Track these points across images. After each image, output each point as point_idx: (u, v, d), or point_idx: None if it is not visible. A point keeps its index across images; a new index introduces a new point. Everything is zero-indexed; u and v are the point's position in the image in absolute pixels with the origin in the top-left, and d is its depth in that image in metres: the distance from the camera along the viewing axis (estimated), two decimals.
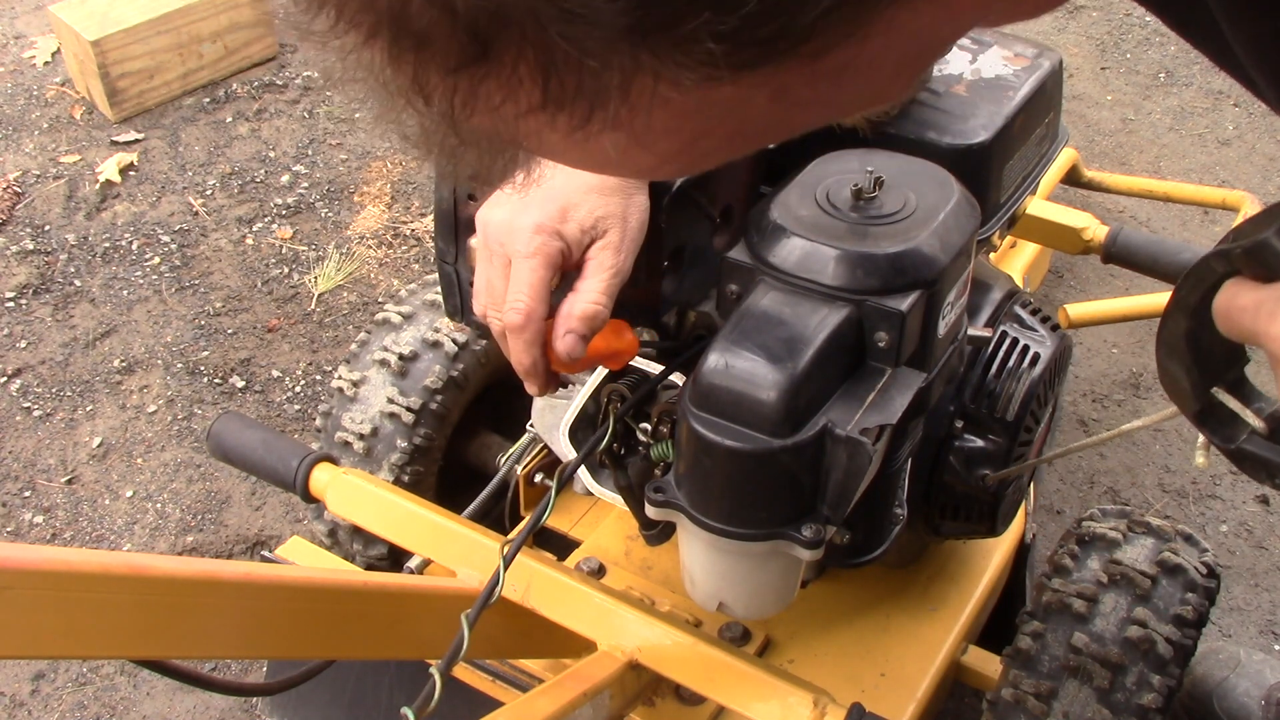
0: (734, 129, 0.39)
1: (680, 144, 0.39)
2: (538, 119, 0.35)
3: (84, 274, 2.51)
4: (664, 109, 0.36)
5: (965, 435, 1.17)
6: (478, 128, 0.36)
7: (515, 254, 0.90)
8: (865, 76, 0.39)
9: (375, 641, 1.06)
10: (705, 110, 0.37)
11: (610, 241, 0.92)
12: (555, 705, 1.00)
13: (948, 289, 0.94)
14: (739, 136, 0.40)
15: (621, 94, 0.34)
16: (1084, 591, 1.27)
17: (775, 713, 1.02)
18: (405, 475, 1.55)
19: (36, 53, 3.17)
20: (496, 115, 0.35)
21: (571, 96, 0.34)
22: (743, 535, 0.90)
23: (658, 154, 0.39)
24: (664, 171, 0.42)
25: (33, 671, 1.79)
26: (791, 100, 0.38)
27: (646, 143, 0.38)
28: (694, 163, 0.41)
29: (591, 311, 0.90)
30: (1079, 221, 1.87)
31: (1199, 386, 0.63)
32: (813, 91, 0.38)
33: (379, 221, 2.67)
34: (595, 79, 0.33)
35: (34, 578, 0.70)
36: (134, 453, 2.14)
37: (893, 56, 0.39)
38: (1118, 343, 2.43)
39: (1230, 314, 0.55)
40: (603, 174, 0.42)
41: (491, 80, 0.34)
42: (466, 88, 0.34)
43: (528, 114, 0.35)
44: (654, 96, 0.35)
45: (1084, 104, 3.09)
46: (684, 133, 0.38)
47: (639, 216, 0.94)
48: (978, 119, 1.24)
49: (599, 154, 0.38)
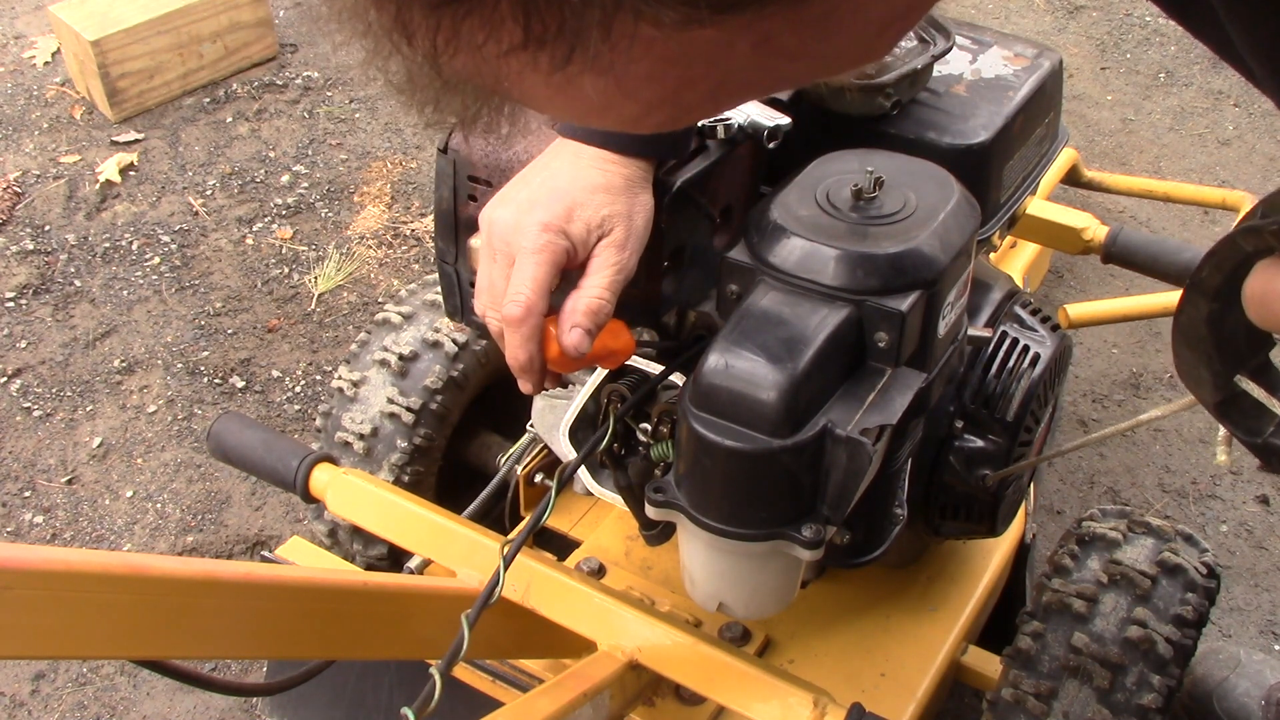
0: (718, 79, 0.39)
1: (663, 92, 0.39)
2: (519, 59, 0.35)
3: (84, 274, 2.51)
4: (646, 51, 0.36)
5: (965, 435, 1.17)
6: (461, 69, 0.36)
7: (520, 250, 0.89)
8: (850, 29, 0.39)
9: (375, 641, 1.06)
10: (688, 56, 0.37)
11: (615, 239, 0.92)
12: (555, 705, 1.00)
13: (948, 289, 0.94)
14: (723, 88, 0.40)
15: (602, 31, 0.34)
16: (1084, 591, 1.26)
17: (775, 713, 1.02)
18: (405, 475, 1.55)
19: (36, 53, 3.17)
20: (479, 55, 0.35)
21: (553, 35, 0.34)
22: (743, 535, 0.90)
23: (641, 102, 0.39)
24: (648, 122, 0.41)
25: (33, 671, 1.79)
26: (775, 49, 0.38)
27: (629, 89, 0.38)
28: (678, 114, 0.41)
29: (596, 306, 0.90)
30: (1079, 221, 1.87)
31: (1221, 375, 0.57)
32: (797, 40, 0.38)
33: (379, 221, 2.67)
34: (576, 17, 0.33)
35: (34, 578, 0.70)
36: (134, 453, 2.14)
37: (877, 11, 0.39)
38: (1118, 343, 2.43)
39: (1269, 299, 0.49)
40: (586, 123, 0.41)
41: (474, 17, 0.34)
42: (449, 25, 0.34)
43: (509, 53, 0.35)
44: (635, 36, 0.35)
45: (1084, 104, 3.09)
46: (667, 80, 0.38)
47: (644, 215, 0.95)
48: (978, 119, 1.24)
49: (581, 99, 0.38)
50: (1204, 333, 0.56)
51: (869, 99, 1.21)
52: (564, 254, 0.90)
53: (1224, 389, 0.58)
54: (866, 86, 1.19)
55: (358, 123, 2.98)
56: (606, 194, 0.92)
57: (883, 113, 1.22)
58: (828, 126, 1.23)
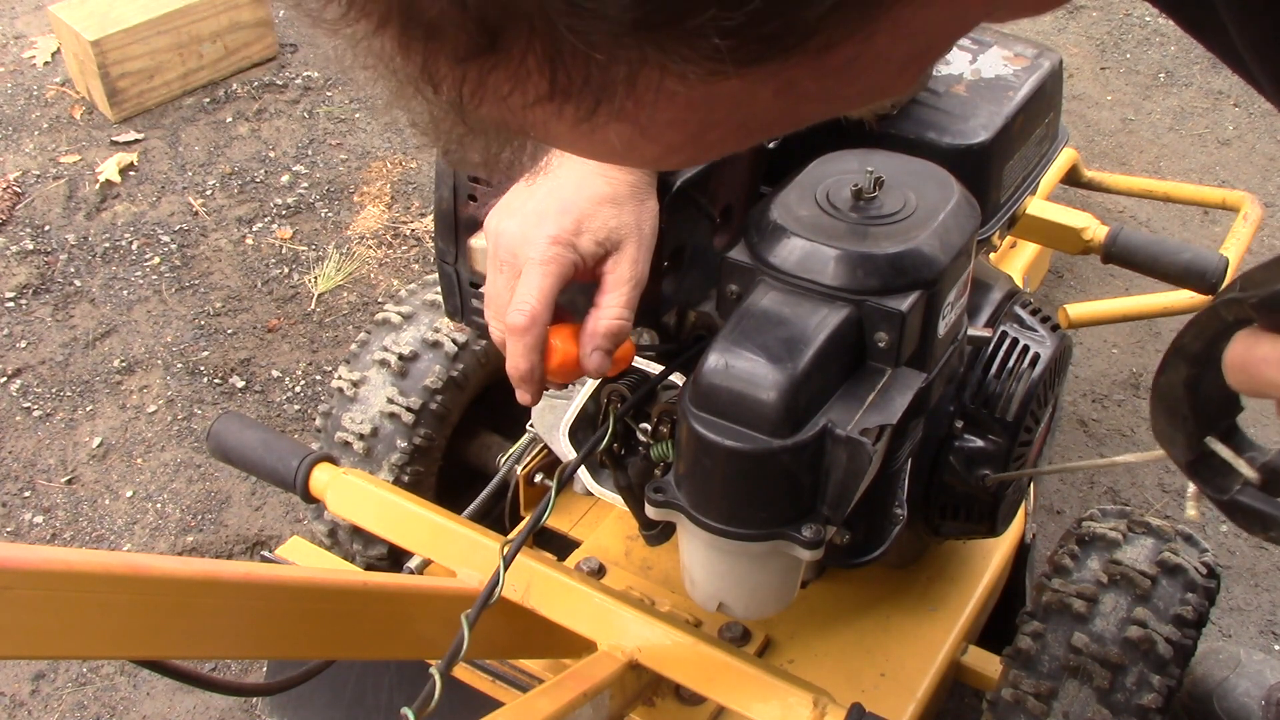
0: (740, 122, 0.39)
1: (686, 136, 0.39)
2: (545, 109, 0.35)
3: (84, 274, 2.51)
4: (670, 102, 0.36)
5: (965, 435, 1.17)
6: (485, 117, 0.37)
7: (528, 262, 0.89)
8: (871, 71, 0.39)
9: (375, 641, 1.06)
10: (711, 104, 0.37)
11: (627, 254, 0.92)
12: (555, 705, 0.99)
13: (948, 289, 0.94)
14: (744, 129, 0.40)
15: (628, 87, 0.35)
16: (1084, 591, 1.26)
17: (775, 713, 1.02)
18: (405, 475, 1.55)
19: (36, 53, 3.17)
20: (504, 105, 0.35)
21: (579, 88, 0.34)
22: (743, 535, 0.90)
23: (663, 145, 0.39)
24: (670, 162, 0.42)
25: (33, 671, 1.79)
26: (798, 94, 0.38)
27: (652, 134, 0.38)
28: (700, 154, 0.42)
29: (616, 327, 0.90)
30: (1079, 221, 1.87)
31: (1193, 436, 0.61)
32: (819, 85, 0.38)
33: (379, 221, 2.67)
34: (602, 71, 0.34)
35: (34, 578, 0.70)
36: (134, 453, 2.14)
37: (899, 52, 0.39)
38: (1118, 343, 2.43)
39: (1249, 366, 0.52)
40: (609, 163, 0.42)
41: (500, 71, 0.34)
42: (475, 77, 0.34)
43: (535, 104, 0.35)
44: (659, 90, 0.35)
45: (1084, 104, 3.09)
46: (690, 125, 0.38)
47: (651, 223, 0.95)
48: (978, 119, 1.24)
49: (605, 144, 0.38)
50: (1181, 395, 0.60)
51: None
52: (571, 267, 0.90)
53: (1195, 449, 0.62)
54: None
55: (358, 123, 2.98)
56: (613, 205, 0.92)
57: (883, 113, 1.22)
58: (828, 126, 1.23)
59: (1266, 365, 0.52)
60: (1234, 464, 0.60)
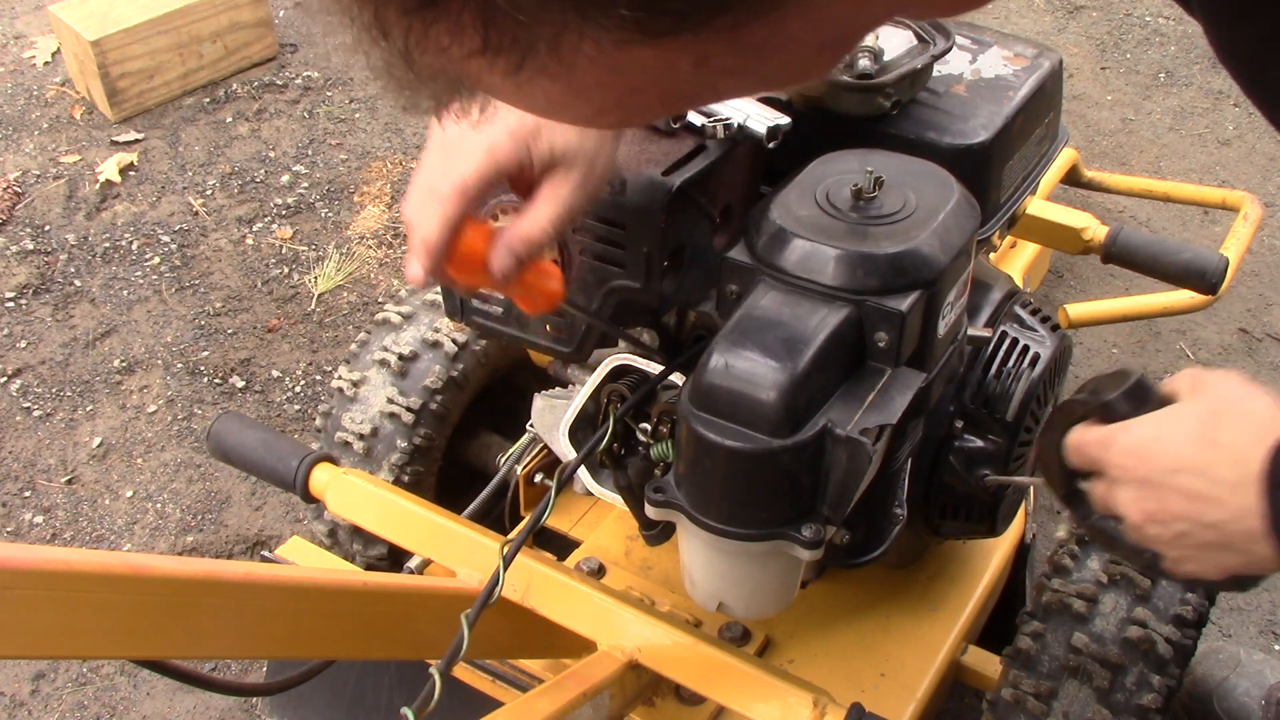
0: (662, 90, 0.42)
1: (614, 97, 0.42)
2: (479, 62, 0.38)
3: (84, 274, 2.51)
4: (591, 64, 0.39)
5: (965, 435, 1.17)
6: (430, 66, 0.39)
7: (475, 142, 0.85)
8: (787, 52, 0.42)
9: (375, 641, 1.06)
10: (632, 69, 0.40)
11: (572, 176, 0.88)
12: (555, 705, 1.00)
13: (948, 289, 0.94)
14: (670, 96, 0.43)
15: (551, 47, 0.37)
16: (1084, 591, 1.26)
17: (775, 713, 1.02)
18: (405, 475, 1.55)
19: (36, 53, 3.17)
20: (445, 56, 0.38)
21: (508, 45, 0.37)
22: (743, 535, 0.90)
23: (593, 104, 0.42)
24: (604, 121, 0.45)
25: (33, 671, 1.79)
26: (715, 68, 0.41)
27: (580, 93, 0.41)
28: (630, 116, 0.45)
29: (535, 236, 0.85)
30: (1079, 221, 1.87)
31: (1066, 479, 0.88)
32: (736, 61, 0.41)
33: (379, 221, 2.67)
34: (528, 31, 0.37)
35: (34, 578, 0.70)
36: (134, 453, 2.14)
37: (813, 37, 0.41)
38: (1118, 343, 2.43)
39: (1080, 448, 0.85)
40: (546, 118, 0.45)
41: (440, 24, 0.37)
42: (419, 28, 0.38)
43: (470, 57, 0.38)
44: (578, 52, 0.38)
45: (1084, 104, 3.09)
46: (616, 87, 0.41)
47: (605, 164, 0.91)
48: (978, 119, 1.24)
49: (536, 99, 0.42)
50: (1054, 453, 0.88)
51: (869, 99, 1.21)
52: (515, 164, 0.86)
53: (1066, 486, 0.89)
54: (866, 86, 1.19)
55: (358, 123, 2.98)
56: (577, 130, 0.88)
57: (883, 113, 1.22)
58: (828, 126, 1.23)
59: (1091, 447, 0.83)
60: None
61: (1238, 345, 2.46)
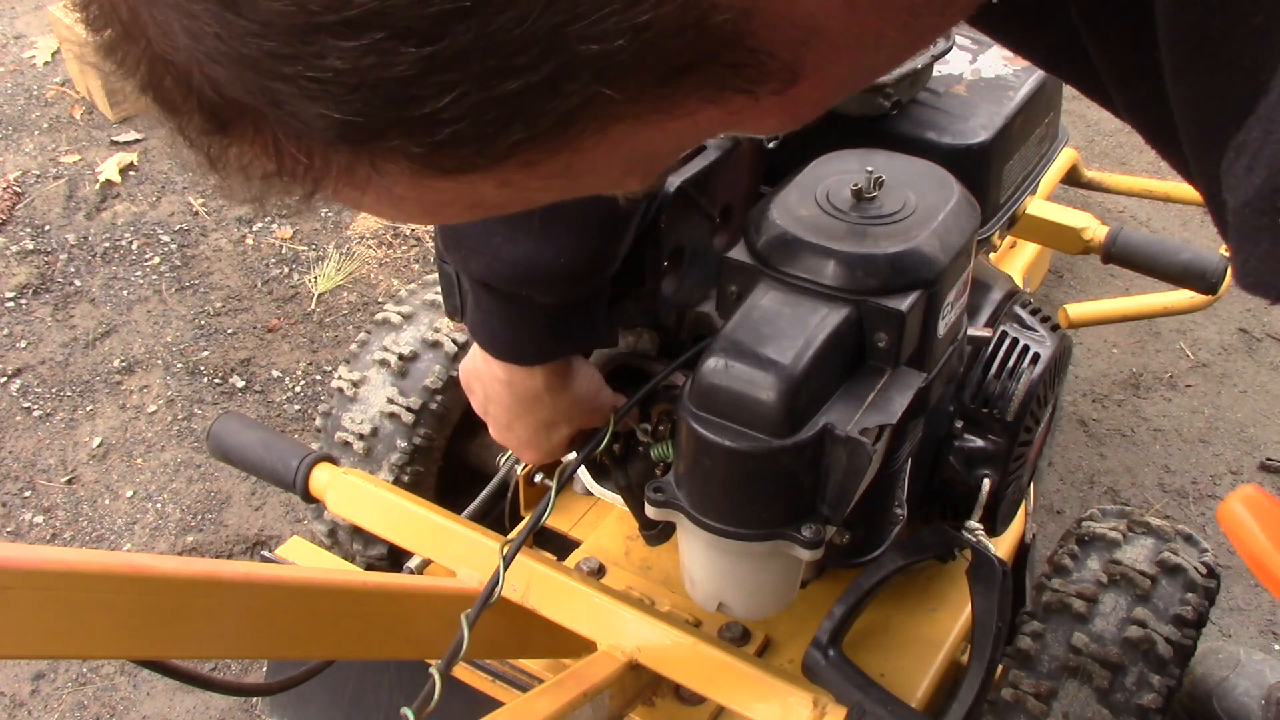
0: (472, 203, 0.42)
1: (423, 209, 0.42)
2: (275, 183, 0.39)
3: (84, 274, 2.51)
4: (389, 190, 0.39)
5: (965, 435, 1.17)
6: (230, 175, 0.40)
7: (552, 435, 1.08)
8: (594, 174, 0.41)
9: (375, 641, 1.06)
10: (431, 192, 0.39)
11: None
12: (555, 705, 0.99)
13: (948, 289, 0.94)
14: (480, 208, 0.43)
15: (346, 175, 0.38)
16: (1084, 591, 1.27)
17: (775, 713, 1.02)
18: (405, 475, 1.55)
19: (36, 53, 3.17)
20: (246, 173, 0.39)
21: (301, 172, 0.38)
22: (743, 535, 0.90)
23: (404, 212, 0.42)
24: (420, 221, 0.45)
25: (33, 671, 1.79)
26: (520, 187, 0.40)
27: (391, 202, 0.41)
28: (446, 219, 0.44)
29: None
30: (1079, 221, 1.87)
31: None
32: (542, 184, 0.40)
33: (379, 221, 2.67)
34: (321, 162, 0.37)
35: (34, 578, 0.70)
36: (134, 453, 2.14)
37: (618, 161, 0.41)
38: (1118, 343, 2.43)
39: None
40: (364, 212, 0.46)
41: (235, 148, 0.38)
42: (217, 147, 0.38)
43: (267, 178, 0.39)
44: (372, 180, 0.38)
45: (1084, 104, 3.09)
46: (423, 202, 0.41)
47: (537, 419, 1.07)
48: (978, 119, 1.24)
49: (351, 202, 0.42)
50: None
51: (869, 99, 1.21)
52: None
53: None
54: (866, 87, 1.19)
55: None
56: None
57: (883, 113, 1.22)
58: (828, 126, 1.23)
59: None
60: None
61: (1238, 345, 2.46)
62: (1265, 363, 2.42)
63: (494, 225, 0.91)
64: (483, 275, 0.93)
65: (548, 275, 0.91)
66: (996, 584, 1.05)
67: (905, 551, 1.10)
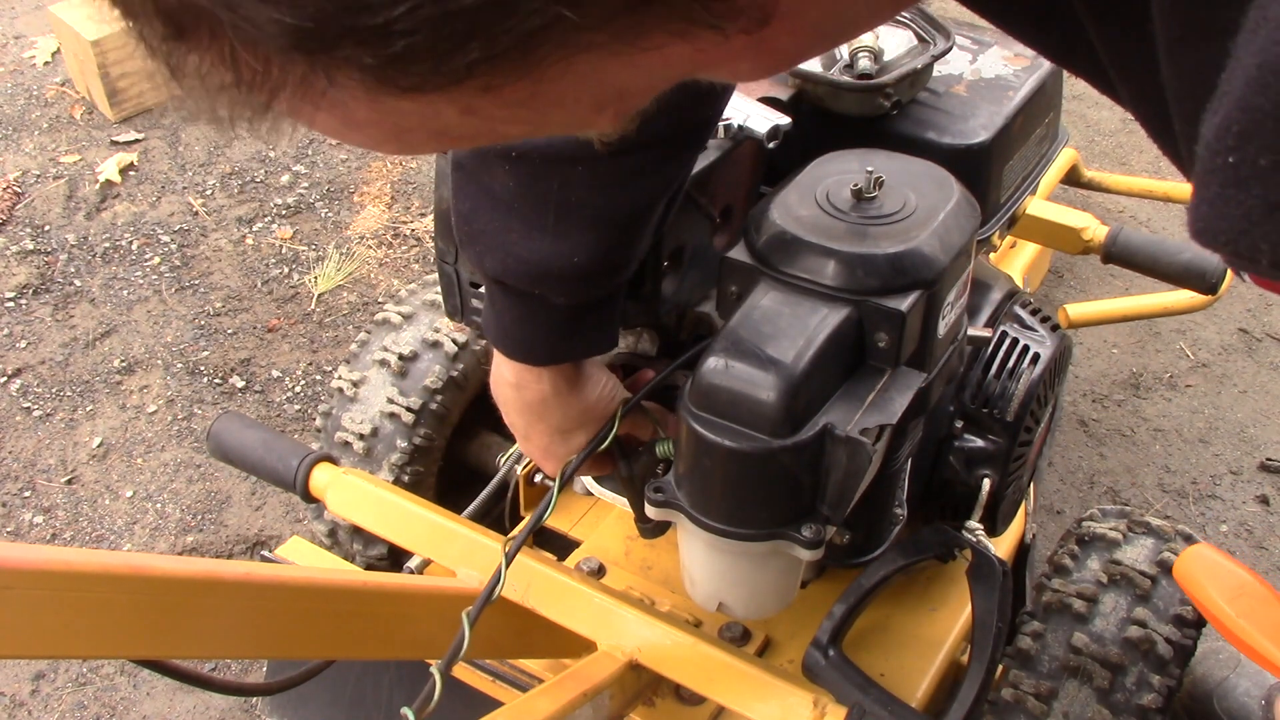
0: (435, 130, 0.40)
1: (385, 133, 0.40)
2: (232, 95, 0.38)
3: (84, 274, 2.51)
4: (348, 106, 0.38)
5: (965, 435, 1.17)
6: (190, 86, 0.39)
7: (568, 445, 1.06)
8: (561, 108, 0.40)
9: (375, 641, 1.06)
10: (396, 113, 0.38)
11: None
12: (555, 705, 0.99)
13: (948, 289, 0.94)
14: (445, 136, 0.41)
15: (302, 89, 0.37)
16: (1084, 591, 1.27)
17: (775, 713, 1.02)
18: (405, 475, 1.55)
19: (36, 53, 3.17)
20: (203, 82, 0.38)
21: (259, 82, 0.37)
22: (743, 535, 0.90)
23: (367, 136, 0.41)
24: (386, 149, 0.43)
25: (33, 671, 1.79)
26: (486, 116, 0.39)
27: (353, 126, 0.40)
28: (408, 148, 0.43)
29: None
30: (1079, 221, 1.87)
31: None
32: (506, 113, 0.39)
33: (379, 221, 2.67)
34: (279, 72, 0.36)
35: (34, 578, 0.70)
36: (134, 453, 2.14)
37: (586, 97, 0.40)
38: (1118, 343, 2.43)
39: None
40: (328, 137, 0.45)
41: (194, 55, 0.37)
42: (176, 55, 0.37)
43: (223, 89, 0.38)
44: (327, 96, 0.37)
45: (1084, 104, 3.09)
46: (384, 125, 0.40)
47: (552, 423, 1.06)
48: (978, 119, 1.24)
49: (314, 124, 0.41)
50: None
51: (869, 99, 1.21)
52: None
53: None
54: (866, 86, 1.20)
55: None
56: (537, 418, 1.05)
57: (883, 113, 1.22)
58: (828, 126, 1.23)
59: None
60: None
61: (1238, 345, 2.46)
62: (1265, 363, 2.42)
63: (509, 221, 0.90)
64: (496, 273, 0.93)
65: (560, 274, 0.90)
66: (996, 584, 1.05)
67: (905, 551, 1.10)
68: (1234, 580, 0.95)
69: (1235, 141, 0.37)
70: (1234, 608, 0.93)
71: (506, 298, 0.95)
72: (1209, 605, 0.94)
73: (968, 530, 1.14)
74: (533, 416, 1.03)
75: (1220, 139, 0.37)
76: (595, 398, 1.03)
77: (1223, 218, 0.38)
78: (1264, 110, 0.36)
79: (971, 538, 1.10)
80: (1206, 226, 0.39)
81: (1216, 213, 0.38)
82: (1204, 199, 0.39)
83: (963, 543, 1.09)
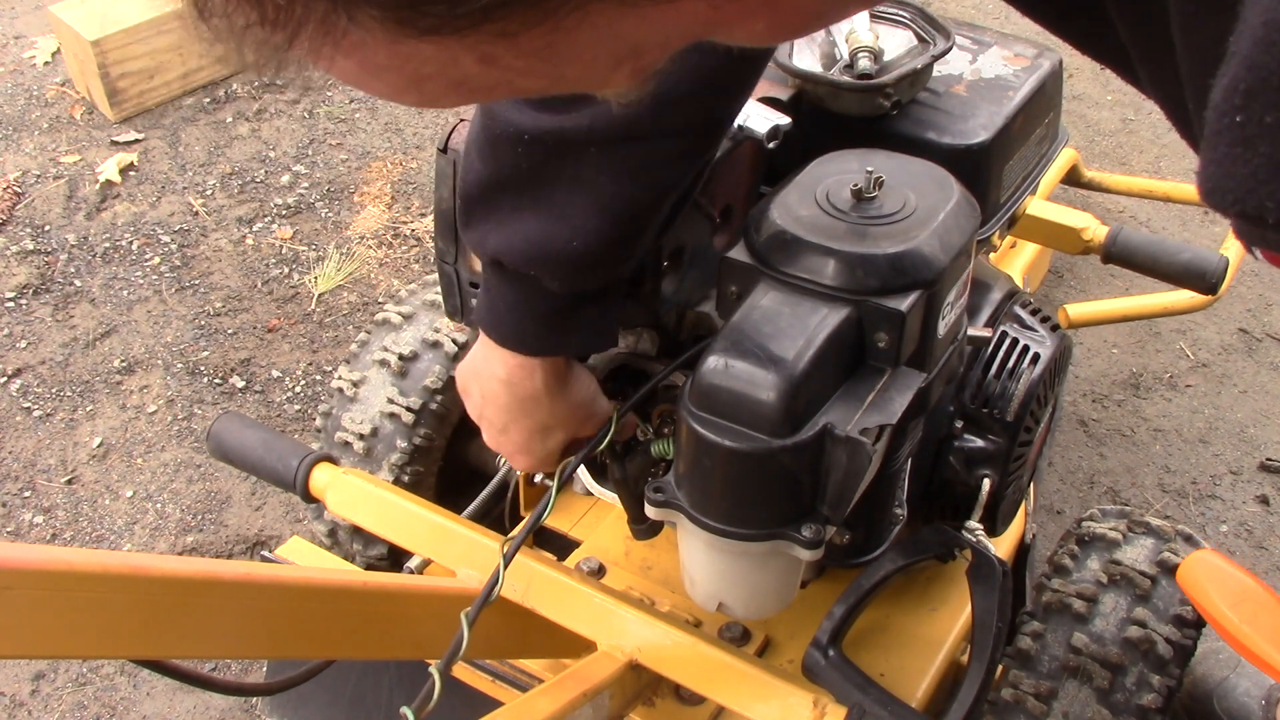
0: (454, 80, 0.41)
1: (404, 80, 0.40)
2: (256, 34, 0.38)
3: (84, 274, 2.51)
4: (368, 48, 0.38)
5: (965, 435, 1.17)
6: (216, 26, 0.39)
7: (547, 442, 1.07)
8: (579, 63, 0.40)
9: (375, 641, 1.06)
10: (416, 58, 0.38)
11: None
12: (555, 705, 0.99)
13: (948, 289, 0.94)
14: (464, 87, 0.41)
15: (320, 28, 0.37)
16: (1084, 592, 1.27)
17: (775, 713, 1.02)
18: (405, 475, 1.55)
19: (36, 53, 3.17)
20: (229, 21, 0.38)
21: (282, 19, 0.37)
22: (742, 535, 0.90)
23: (387, 84, 0.41)
24: (405, 100, 0.43)
25: (33, 671, 1.79)
26: (503, 66, 0.39)
27: (372, 71, 0.40)
28: (428, 99, 0.43)
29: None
30: (1079, 221, 1.87)
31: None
32: (524, 64, 0.39)
33: (379, 221, 2.67)
34: (301, 9, 0.36)
35: (34, 578, 0.70)
36: (134, 453, 2.14)
37: (605, 50, 0.40)
38: (1118, 343, 2.43)
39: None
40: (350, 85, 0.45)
41: None
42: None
43: (249, 28, 0.38)
44: (348, 36, 0.37)
45: (1084, 104, 3.09)
46: (405, 71, 0.40)
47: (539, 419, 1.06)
48: (978, 119, 1.24)
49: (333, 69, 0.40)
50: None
51: (869, 99, 1.21)
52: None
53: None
54: (866, 86, 1.20)
55: (358, 123, 2.98)
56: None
57: (883, 113, 1.22)
58: (828, 126, 1.23)
59: None
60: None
61: (1238, 345, 2.46)
62: (1265, 363, 2.42)
63: (515, 200, 0.90)
64: (497, 250, 0.93)
65: (557, 257, 0.90)
66: (996, 584, 1.05)
67: (905, 551, 1.10)
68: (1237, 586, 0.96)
69: (1242, 100, 0.37)
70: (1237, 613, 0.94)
71: (502, 282, 0.95)
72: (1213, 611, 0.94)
73: (968, 530, 1.14)
74: (518, 412, 1.03)
75: (1228, 99, 0.37)
76: (581, 399, 1.03)
77: (1230, 177, 0.38)
78: (1270, 68, 0.36)
79: (971, 538, 1.10)
80: (1215, 186, 0.39)
81: (1224, 172, 0.38)
82: (1212, 160, 0.39)
83: (963, 543, 1.09)
